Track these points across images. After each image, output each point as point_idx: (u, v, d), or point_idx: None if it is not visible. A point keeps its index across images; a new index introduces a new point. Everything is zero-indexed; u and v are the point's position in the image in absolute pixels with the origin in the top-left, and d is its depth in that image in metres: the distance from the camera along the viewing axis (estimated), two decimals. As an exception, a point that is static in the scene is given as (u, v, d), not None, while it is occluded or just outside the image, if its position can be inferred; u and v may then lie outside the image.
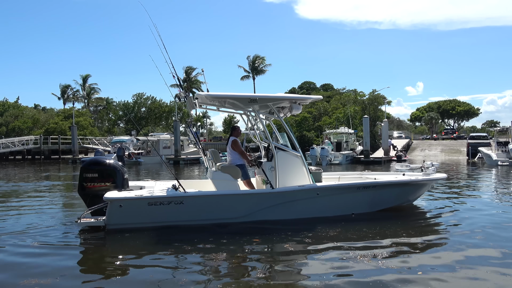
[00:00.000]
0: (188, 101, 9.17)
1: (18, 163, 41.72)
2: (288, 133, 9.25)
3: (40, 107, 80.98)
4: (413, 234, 7.71)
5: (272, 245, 7.13)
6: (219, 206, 8.40)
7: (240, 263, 6.16)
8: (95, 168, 8.40)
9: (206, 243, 7.08)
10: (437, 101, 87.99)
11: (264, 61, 75.15)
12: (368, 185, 9.31)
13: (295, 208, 8.74)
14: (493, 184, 17.48)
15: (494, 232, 7.75)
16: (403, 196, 9.96)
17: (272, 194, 8.56)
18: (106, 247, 7.33)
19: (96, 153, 38.00)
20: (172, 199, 8.04)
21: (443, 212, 9.99)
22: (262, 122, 9.36)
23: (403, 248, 6.72)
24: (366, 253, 6.41)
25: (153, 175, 24.20)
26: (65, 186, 17.98)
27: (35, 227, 8.57)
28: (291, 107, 9.17)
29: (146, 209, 7.96)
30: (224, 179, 8.91)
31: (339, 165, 32.12)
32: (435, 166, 10.54)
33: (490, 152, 31.41)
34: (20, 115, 60.12)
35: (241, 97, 8.85)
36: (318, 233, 7.73)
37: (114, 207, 7.82)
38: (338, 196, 9.09)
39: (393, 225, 8.38)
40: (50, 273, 5.66)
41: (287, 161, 8.81)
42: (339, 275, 5.46)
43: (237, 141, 9.33)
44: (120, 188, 8.38)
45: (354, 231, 7.84)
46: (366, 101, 52.04)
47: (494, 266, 5.73)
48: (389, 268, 5.67)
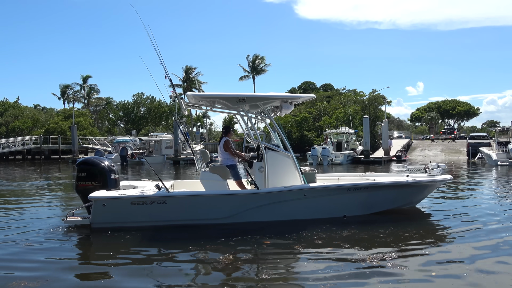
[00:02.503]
0: (179, 101, 9.05)
1: (18, 163, 41.67)
2: (278, 133, 9.13)
3: (40, 107, 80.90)
4: (405, 238, 7.38)
5: (255, 248, 6.88)
6: (202, 207, 8.32)
7: (227, 265, 6.08)
8: (84, 167, 8.65)
9: (190, 244, 7.05)
10: (437, 101, 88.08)
11: (264, 61, 75.09)
12: (359, 186, 8.96)
13: (281, 210, 8.51)
14: (493, 184, 17.48)
15: (493, 236, 7.59)
16: (401, 198, 9.59)
17: (257, 195, 8.42)
18: (91, 247, 7.41)
19: (96, 153, 38.00)
20: (155, 198, 8.05)
21: (442, 213, 9.80)
22: (251, 121, 9.18)
23: (389, 253, 6.36)
24: (348, 257, 6.20)
25: (154, 175, 24.14)
26: (64, 185, 17.96)
27: (25, 225, 8.68)
28: (281, 106, 8.95)
29: (129, 209, 8.00)
30: (212, 179, 8.84)
31: (340, 165, 32.08)
32: (441, 168, 10.01)
33: (490, 152, 31.39)
34: (20, 115, 60.00)
35: (229, 97, 8.75)
36: (303, 236, 7.49)
37: (98, 206, 7.94)
38: (327, 197, 8.78)
39: (384, 228, 7.97)
40: (34, 273, 5.63)
41: (277, 161, 8.67)
42: (320, 279, 5.32)
43: (229, 141, 9.23)
44: (108, 187, 8.50)
45: (337, 236, 7.49)
46: (366, 101, 52.03)
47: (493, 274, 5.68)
48: (372, 274, 5.49)
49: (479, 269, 5.62)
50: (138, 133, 63.26)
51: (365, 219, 8.76)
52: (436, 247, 6.85)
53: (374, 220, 8.68)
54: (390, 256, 6.23)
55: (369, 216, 9.03)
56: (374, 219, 8.83)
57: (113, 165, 8.96)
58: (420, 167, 10.67)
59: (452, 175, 12.67)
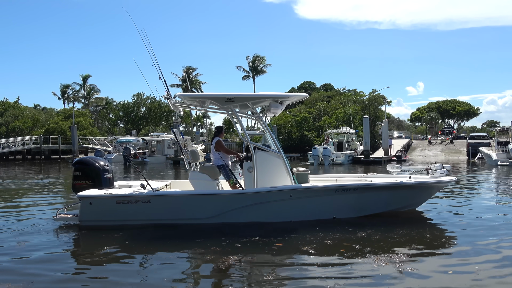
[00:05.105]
0: (170, 102, 9.02)
1: (18, 163, 41.65)
2: (269, 133, 9.06)
3: (40, 107, 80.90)
4: (397, 242, 7.11)
5: (238, 249, 6.74)
6: (187, 206, 8.32)
7: (213, 263, 6.07)
8: (79, 167, 8.97)
9: (174, 243, 7.08)
10: (437, 101, 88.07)
11: (264, 61, 74.96)
12: (347, 187, 8.67)
13: (267, 210, 8.36)
14: (493, 184, 17.47)
15: (493, 236, 7.57)
16: (396, 200, 9.11)
17: (242, 195, 8.36)
18: (77, 244, 7.47)
19: (96, 153, 38.04)
20: (139, 197, 8.14)
21: (441, 215, 9.65)
22: (240, 121, 9.03)
23: (383, 257, 6.17)
24: (336, 261, 6.11)
25: (155, 175, 24.15)
26: (63, 184, 17.95)
27: (14, 223, 8.82)
28: (269, 105, 8.81)
29: (115, 207, 8.13)
30: (201, 179, 8.83)
31: (341, 165, 32.05)
32: (445, 169, 9.50)
33: (490, 152, 31.40)
34: (20, 115, 59.96)
35: (218, 97, 8.73)
36: (287, 238, 7.37)
37: (85, 205, 8.13)
38: (314, 198, 8.55)
39: (376, 231, 7.72)
40: (23, 273, 5.65)
41: (266, 162, 8.58)
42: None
43: (221, 141, 9.22)
44: (101, 186, 8.69)
45: (327, 238, 7.31)
46: (366, 101, 52.06)
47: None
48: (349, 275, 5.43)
49: (480, 269, 5.61)
50: (138, 133, 63.24)
51: (355, 222, 8.43)
52: (436, 248, 6.83)
53: (364, 223, 8.29)
54: (384, 260, 6.14)
55: (360, 219, 8.67)
56: (364, 222, 8.44)
57: (108, 165, 9.14)
58: (421, 168, 10.13)
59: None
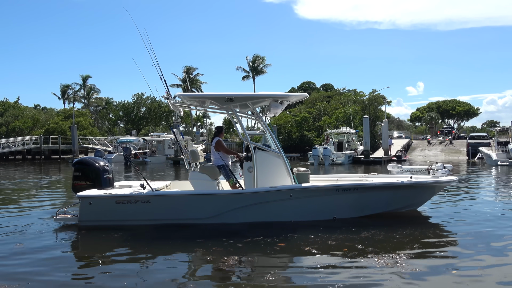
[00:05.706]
0: (170, 102, 9.03)
1: (18, 163, 41.68)
2: (269, 132, 9.05)
3: (40, 107, 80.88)
4: (399, 241, 7.12)
5: (239, 249, 6.73)
6: (186, 206, 8.33)
7: (213, 263, 6.07)
8: (79, 167, 9.01)
9: (174, 243, 7.08)
10: (437, 101, 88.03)
11: (264, 61, 74.98)
12: (348, 187, 8.61)
13: (267, 211, 8.32)
14: (493, 184, 17.47)
15: (492, 241, 7.54)
16: (397, 200, 9.06)
17: (242, 195, 8.35)
18: (76, 245, 7.48)
19: (96, 153, 38.08)
20: (139, 198, 8.15)
21: (443, 215, 9.63)
22: (240, 121, 9.01)
23: (384, 257, 6.13)
24: (339, 261, 6.10)
25: (155, 175, 24.15)
26: (63, 185, 17.95)
27: (12, 223, 8.84)
28: (269, 105, 8.80)
29: (114, 207, 8.14)
30: (201, 179, 8.84)
31: (341, 165, 32.05)
32: (447, 169, 9.41)
33: (490, 152, 31.42)
34: (20, 115, 60.00)
35: (217, 97, 8.73)
36: (290, 238, 7.36)
37: (85, 205, 8.14)
38: (315, 198, 8.51)
39: (377, 231, 7.68)
40: (21, 273, 5.65)
41: (266, 162, 8.56)
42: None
43: (221, 141, 9.21)
44: (101, 187, 8.71)
45: (327, 238, 7.29)
46: (366, 101, 52.05)
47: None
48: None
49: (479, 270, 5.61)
50: (138, 133, 63.23)
51: (358, 222, 8.38)
52: (439, 248, 6.83)
53: (367, 224, 8.25)
54: (387, 260, 6.13)
55: (362, 219, 8.63)
56: (367, 222, 8.41)
57: (108, 165, 9.16)
58: (422, 167, 10.04)
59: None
